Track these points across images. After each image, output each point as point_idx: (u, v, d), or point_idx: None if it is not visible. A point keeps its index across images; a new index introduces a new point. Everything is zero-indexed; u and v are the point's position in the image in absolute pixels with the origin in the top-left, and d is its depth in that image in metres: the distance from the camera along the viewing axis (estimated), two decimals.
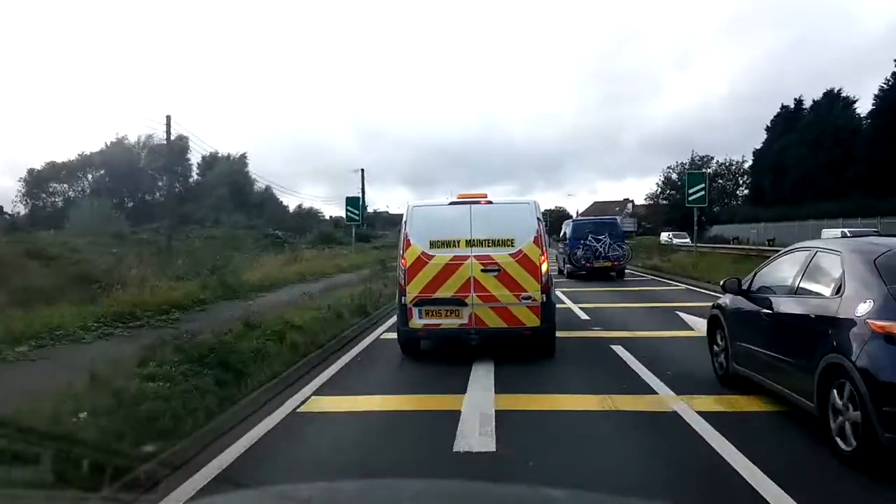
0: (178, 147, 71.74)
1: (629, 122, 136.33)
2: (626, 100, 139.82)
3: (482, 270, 8.30)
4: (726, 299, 7.29)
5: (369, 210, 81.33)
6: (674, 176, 70.37)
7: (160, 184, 74.18)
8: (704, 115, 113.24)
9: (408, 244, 8.49)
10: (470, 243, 8.41)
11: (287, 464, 4.98)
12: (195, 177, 76.42)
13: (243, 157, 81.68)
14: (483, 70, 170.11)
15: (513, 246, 8.39)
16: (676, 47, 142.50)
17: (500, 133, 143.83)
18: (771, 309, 6.05)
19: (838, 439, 4.74)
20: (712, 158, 69.22)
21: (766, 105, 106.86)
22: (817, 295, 5.51)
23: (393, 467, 4.66)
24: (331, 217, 73.64)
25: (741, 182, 67.15)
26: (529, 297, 8.24)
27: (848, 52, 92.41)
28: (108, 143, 68.86)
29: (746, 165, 66.92)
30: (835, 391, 4.80)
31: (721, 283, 7.34)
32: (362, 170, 54.55)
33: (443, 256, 8.39)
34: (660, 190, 70.74)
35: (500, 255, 8.36)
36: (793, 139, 52.75)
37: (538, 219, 8.68)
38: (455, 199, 8.87)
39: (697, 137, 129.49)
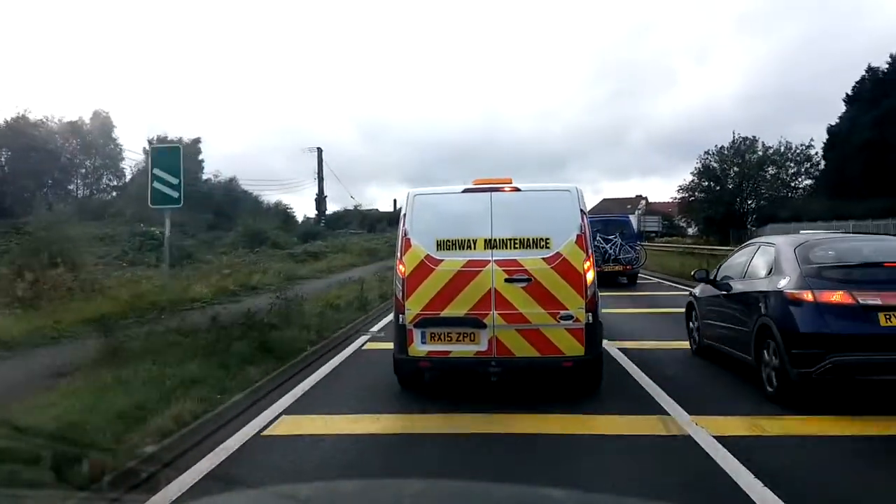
0: (99, 128, 59.70)
1: (634, 121, 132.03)
2: (630, 98, 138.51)
3: (507, 280, 6.31)
4: (698, 288, 8.97)
5: (349, 207, 67.62)
6: (713, 164, 55.59)
7: (83, 171, 60.42)
8: (712, 114, 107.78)
9: (407, 245, 6.51)
10: (490, 244, 6.43)
11: None
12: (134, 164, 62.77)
13: (196, 141, 67.74)
14: (487, 67, 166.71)
15: (548, 248, 6.37)
16: (684, 45, 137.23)
17: (503, 130, 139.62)
18: (728, 290, 7.81)
19: (766, 385, 6.54)
20: (756, 140, 54.41)
21: (772, 103, 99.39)
22: (757, 276, 7.26)
23: None
24: (317, 215, 59.02)
25: (803, 170, 52.18)
26: (570, 317, 6.23)
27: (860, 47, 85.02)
28: (8, 120, 54.02)
29: (812, 151, 51.78)
30: (764, 351, 6.57)
31: (692, 273, 9.27)
32: (319, 149, 40.05)
33: (454, 261, 6.41)
34: (695, 181, 55.82)
35: (532, 259, 6.34)
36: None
37: (581, 211, 6.54)
38: (470, 186, 6.78)
39: (705, 136, 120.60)
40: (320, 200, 49.39)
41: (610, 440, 5.31)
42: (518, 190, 6.67)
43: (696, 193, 56.57)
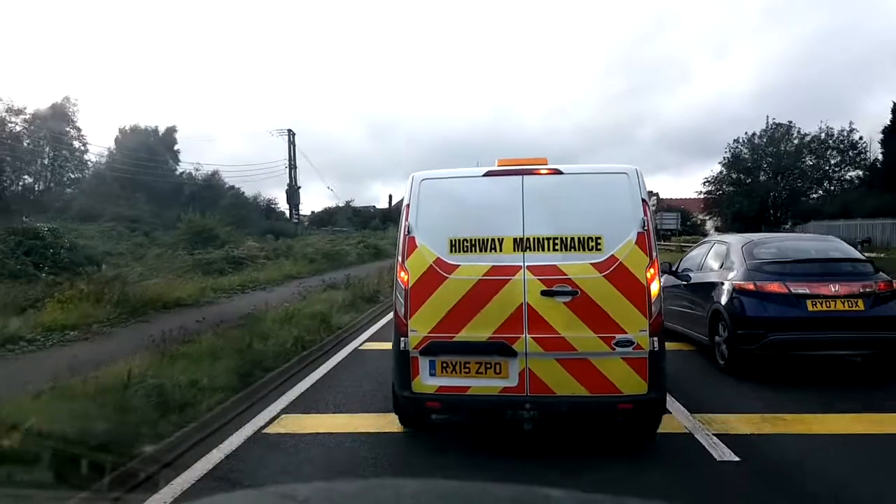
0: (56, 116, 53.21)
1: (644, 118, 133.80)
2: (640, 95, 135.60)
3: (544, 293, 4.87)
4: (661, 279, 8.43)
5: (340, 203, 60.95)
6: (744, 153, 48.41)
7: (45, 163, 53.86)
8: (724, 111, 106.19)
9: (412, 246, 5.07)
10: (522, 244, 4.96)
11: None
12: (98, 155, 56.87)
13: (171, 130, 61.74)
14: (497, 64, 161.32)
15: (600, 249, 4.92)
16: (694, 43, 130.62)
17: (512, 129, 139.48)
18: (687, 281, 9.01)
19: (718, 359, 7.81)
20: (791, 124, 47.36)
21: (784, 100, 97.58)
22: (711, 269, 8.54)
23: None
24: (290, 210, 51.86)
25: (848, 159, 44.97)
26: (629, 342, 4.78)
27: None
28: None
29: (857, 136, 44.52)
30: (716, 332, 7.85)
31: None
32: (289, 131, 33.60)
33: (473, 267, 4.96)
34: (723, 173, 48.70)
35: (578, 265, 4.90)
36: None
37: (643, 200, 5.01)
38: (494, 168, 5.29)
39: (715, 134, 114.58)
40: (292, 192, 42.27)
41: None
42: (559, 172, 5.09)
43: (725, 186, 49.47)
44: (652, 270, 4.85)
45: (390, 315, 13.96)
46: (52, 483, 2.93)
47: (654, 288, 4.85)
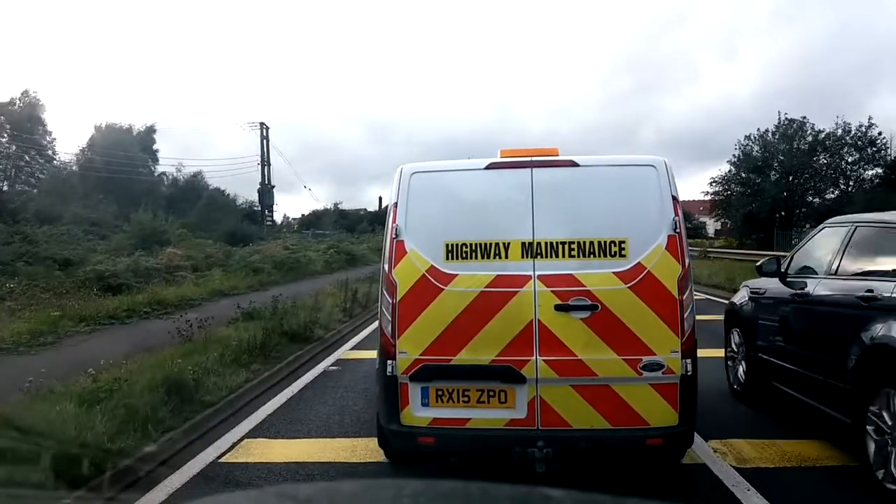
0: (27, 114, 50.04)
1: (644, 120, 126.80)
2: (642, 97, 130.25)
3: (558, 308, 4.30)
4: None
5: (328, 206, 57.67)
6: (755, 151, 44.83)
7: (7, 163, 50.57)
8: (725, 114, 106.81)
9: (400, 251, 4.45)
10: (531, 250, 4.40)
11: None
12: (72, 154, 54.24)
13: (150, 130, 58.81)
14: (499, 66, 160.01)
15: (624, 256, 4.35)
16: (698, 45, 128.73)
17: (514, 131, 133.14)
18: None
19: None
20: (805, 121, 44.04)
21: (790, 101, 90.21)
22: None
23: None
24: (260, 211, 48.30)
25: (867, 156, 41.45)
26: (659, 366, 4.24)
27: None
28: None
29: (876, 132, 40.97)
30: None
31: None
32: (262, 124, 30.46)
33: (474, 277, 4.38)
34: (732, 172, 45.14)
35: (598, 274, 4.34)
36: None
37: (674, 197, 4.43)
38: (497, 160, 4.67)
39: (717, 136, 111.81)
40: (264, 192, 38.59)
41: None
42: (574, 164, 4.47)
43: (733, 186, 45.90)
44: (683, 279, 4.26)
45: (323, 365, 9.30)
46: None
47: (687, 299, 4.27)
